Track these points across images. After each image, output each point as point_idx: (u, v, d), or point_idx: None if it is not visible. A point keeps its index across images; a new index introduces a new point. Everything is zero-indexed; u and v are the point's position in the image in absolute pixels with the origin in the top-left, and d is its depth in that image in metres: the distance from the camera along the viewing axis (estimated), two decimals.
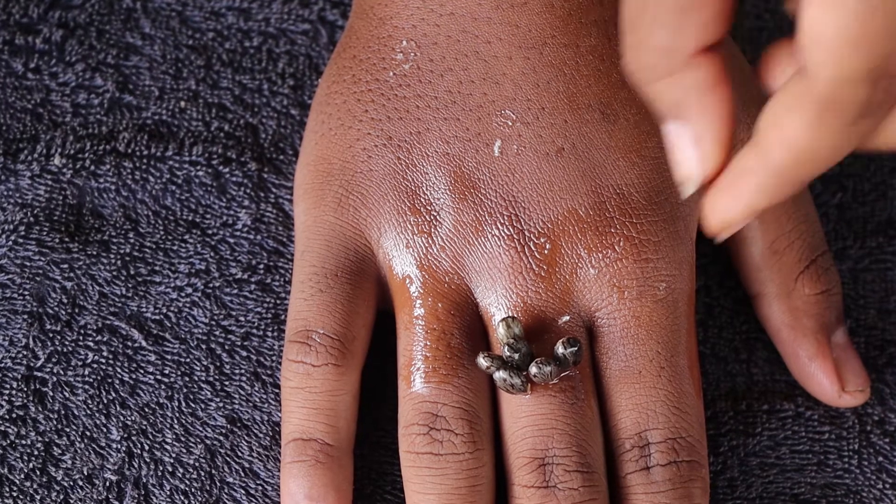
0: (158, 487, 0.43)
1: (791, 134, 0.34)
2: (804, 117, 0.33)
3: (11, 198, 0.47)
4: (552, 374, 0.40)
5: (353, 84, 0.44)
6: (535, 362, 0.40)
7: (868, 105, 0.33)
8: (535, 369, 0.40)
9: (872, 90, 0.33)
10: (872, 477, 0.44)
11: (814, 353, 0.44)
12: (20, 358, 0.44)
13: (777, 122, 0.34)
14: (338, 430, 0.41)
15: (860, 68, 0.32)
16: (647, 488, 0.40)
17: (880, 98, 0.33)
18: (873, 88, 0.32)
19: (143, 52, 0.49)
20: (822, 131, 0.33)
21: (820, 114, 0.33)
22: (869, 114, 0.33)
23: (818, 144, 0.34)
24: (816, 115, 0.33)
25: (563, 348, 0.40)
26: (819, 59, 0.32)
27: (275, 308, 0.45)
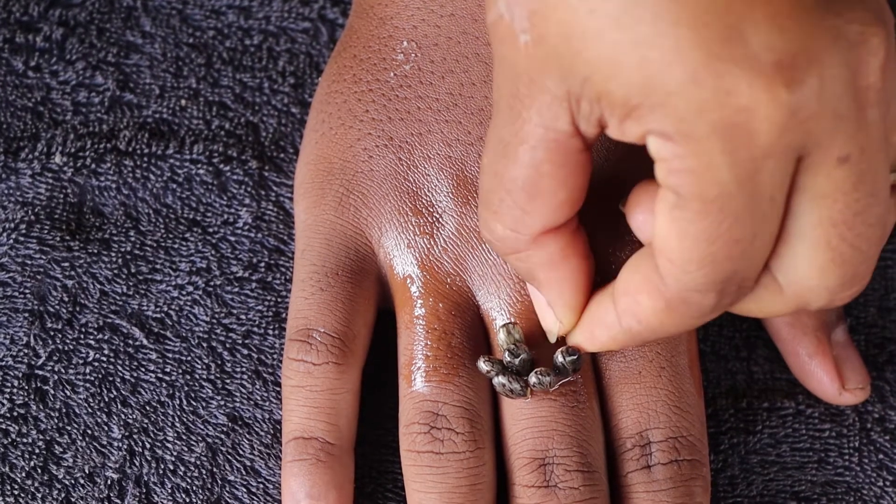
0: (160, 486, 0.43)
1: (641, 311, 0.36)
2: (655, 305, 0.35)
3: (12, 196, 0.47)
4: (551, 384, 0.40)
5: (353, 83, 0.44)
6: (534, 372, 0.40)
7: (716, 307, 0.35)
8: (534, 379, 0.40)
9: (719, 297, 0.34)
10: (873, 474, 0.44)
11: (814, 351, 0.44)
12: (21, 356, 0.45)
13: (630, 294, 0.36)
14: (339, 429, 0.41)
15: (705, 283, 0.34)
16: (649, 487, 0.40)
17: (729, 301, 0.35)
18: (720, 296, 0.34)
19: (143, 50, 0.49)
20: (670, 319, 0.35)
21: (668, 307, 0.35)
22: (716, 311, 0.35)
23: (667, 327, 0.36)
24: (665, 307, 0.35)
25: (563, 357, 0.40)
26: (666, 270, 0.34)
27: (276, 306, 0.45)
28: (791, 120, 0.31)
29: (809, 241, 0.34)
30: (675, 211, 0.33)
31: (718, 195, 0.32)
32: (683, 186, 0.33)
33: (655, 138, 0.33)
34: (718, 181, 0.32)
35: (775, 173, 0.32)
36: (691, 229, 0.33)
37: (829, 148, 0.32)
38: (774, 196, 0.33)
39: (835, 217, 0.33)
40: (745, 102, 0.31)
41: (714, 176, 0.32)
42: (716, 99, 0.31)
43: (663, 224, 0.33)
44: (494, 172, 0.36)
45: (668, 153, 0.33)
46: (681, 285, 0.34)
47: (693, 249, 0.33)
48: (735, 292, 0.34)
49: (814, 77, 0.31)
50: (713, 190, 0.32)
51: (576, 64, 0.33)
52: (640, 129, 0.33)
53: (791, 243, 0.34)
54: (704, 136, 0.32)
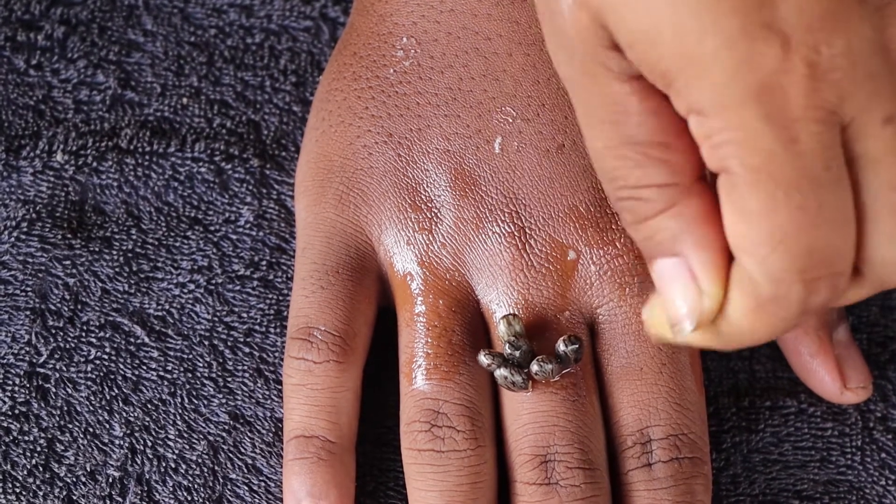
0: (161, 484, 0.43)
1: (735, 313, 0.34)
2: (746, 303, 0.34)
3: (14, 194, 0.47)
4: (553, 372, 0.40)
5: (353, 81, 0.44)
6: (536, 360, 0.40)
7: (805, 304, 0.33)
8: (536, 367, 0.40)
9: (808, 290, 0.33)
10: (875, 473, 0.44)
11: (816, 350, 0.44)
12: (23, 354, 0.45)
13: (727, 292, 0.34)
14: (340, 427, 0.41)
15: (784, 267, 0.32)
16: (650, 485, 0.40)
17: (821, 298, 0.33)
18: (808, 288, 0.33)
19: (144, 48, 0.49)
20: (760, 321, 0.34)
21: (759, 306, 0.33)
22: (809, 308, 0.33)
23: (757, 330, 0.34)
24: (755, 307, 0.34)
25: (565, 346, 0.40)
26: (746, 262, 0.33)
27: (277, 304, 0.45)
28: (822, 80, 0.31)
29: (875, 210, 0.33)
30: (731, 194, 0.32)
31: (764, 162, 0.32)
32: (728, 160, 0.32)
33: (695, 116, 0.32)
34: (761, 148, 0.32)
35: (820, 137, 0.32)
36: (749, 204, 0.32)
37: (870, 110, 0.32)
38: (829, 162, 0.32)
39: (892, 180, 0.33)
40: (776, 65, 0.31)
41: (756, 143, 0.32)
42: (748, 63, 0.31)
43: (727, 214, 0.33)
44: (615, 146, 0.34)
45: (707, 129, 0.32)
46: (763, 277, 0.33)
47: (758, 227, 0.32)
48: (828, 289, 0.33)
49: (841, 38, 0.31)
50: (758, 156, 0.32)
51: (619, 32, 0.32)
52: (681, 105, 0.33)
53: (863, 222, 0.33)
54: (739, 104, 0.31)
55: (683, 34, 0.31)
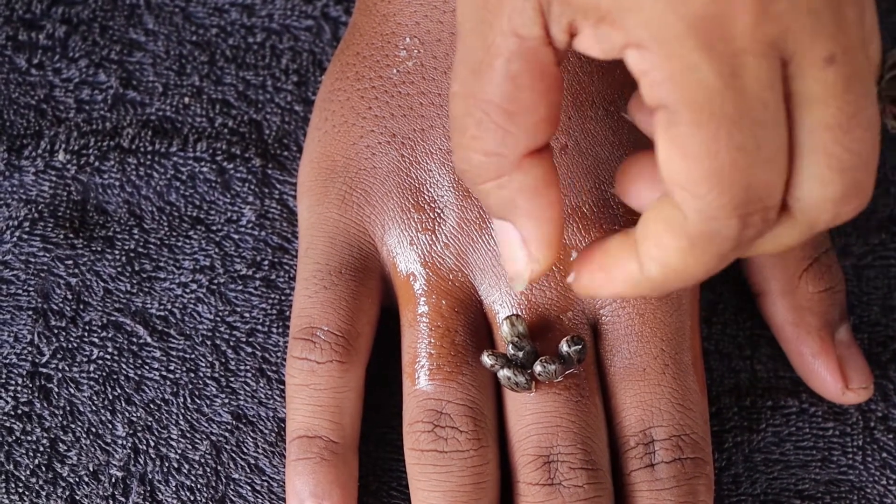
0: (164, 484, 0.43)
1: (664, 255, 0.34)
2: (678, 244, 0.34)
3: (16, 194, 0.47)
4: (557, 373, 0.40)
5: (356, 81, 0.44)
6: (539, 361, 0.40)
7: (739, 238, 0.33)
8: (539, 368, 0.40)
9: (742, 225, 0.33)
10: (876, 473, 0.44)
11: (817, 350, 0.44)
12: (25, 354, 0.45)
13: (652, 237, 0.34)
14: (342, 427, 0.41)
15: (721, 204, 0.32)
16: (652, 485, 0.40)
17: (753, 231, 0.33)
18: (743, 223, 0.33)
19: (146, 48, 0.49)
20: (696, 258, 0.34)
21: (691, 245, 0.33)
22: (742, 245, 0.33)
23: (692, 268, 0.34)
24: (689, 246, 0.33)
25: (568, 346, 0.40)
26: (681, 199, 0.33)
27: (279, 304, 0.45)
28: (765, 11, 0.31)
29: (808, 149, 0.33)
30: (670, 129, 0.32)
31: (706, 98, 0.31)
32: (669, 96, 0.31)
33: (633, 51, 0.32)
34: (702, 83, 0.31)
35: (761, 72, 0.31)
36: (690, 143, 0.32)
37: (812, 48, 0.31)
38: (767, 100, 0.31)
39: (828, 121, 0.32)
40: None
41: (697, 78, 0.31)
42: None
43: (663, 148, 0.32)
44: (468, 95, 0.34)
45: (647, 64, 0.32)
46: (699, 214, 0.32)
47: (698, 166, 0.32)
48: (760, 222, 0.33)
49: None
50: (700, 93, 0.31)
51: None
52: (619, 39, 0.32)
53: (794, 159, 0.33)
54: (678, 36, 0.31)
55: None
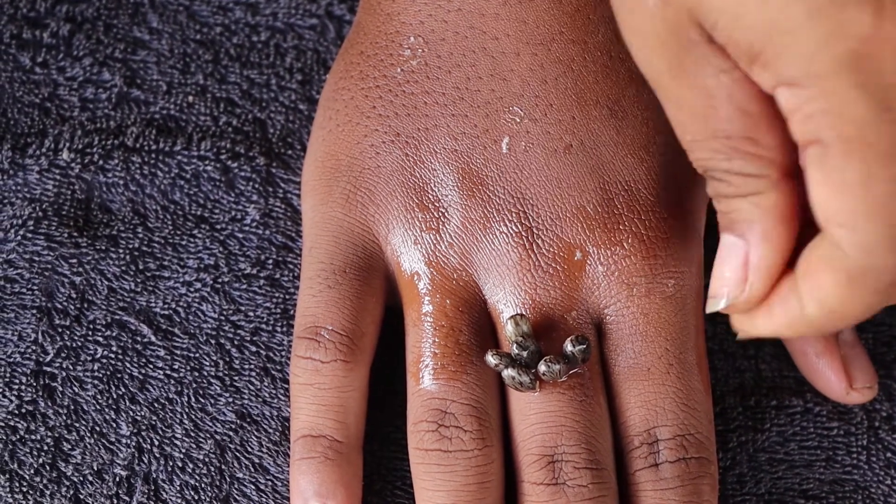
0: (168, 483, 0.43)
1: (824, 292, 0.34)
2: (836, 280, 0.33)
3: (20, 192, 0.47)
4: (561, 373, 0.40)
5: (360, 80, 0.44)
6: (544, 360, 0.40)
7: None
8: (544, 367, 0.40)
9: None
10: (881, 473, 0.44)
11: (821, 350, 0.44)
12: (29, 353, 0.45)
13: (811, 275, 0.34)
14: (347, 427, 0.41)
15: (877, 238, 0.32)
16: (657, 485, 0.40)
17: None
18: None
19: (150, 46, 0.49)
20: (854, 295, 0.34)
21: (850, 280, 0.33)
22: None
23: (850, 306, 0.34)
24: (847, 282, 0.33)
25: (572, 346, 0.40)
26: (837, 235, 0.32)
27: (284, 303, 0.45)
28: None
29: None
30: (823, 165, 0.32)
31: (860, 131, 0.31)
32: (821, 131, 0.32)
33: (784, 89, 0.32)
34: (855, 117, 0.31)
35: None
36: (844, 177, 0.32)
37: None
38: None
39: None
40: (867, 31, 0.31)
41: (850, 112, 0.31)
42: (839, 31, 0.31)
43: (817, 183, 0.32)
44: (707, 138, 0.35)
45: (798, 100, 0.32)
46: (855, 248, 0.32)
47: (853, 199, 0.32)
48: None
49: None
50: (852, 127, 0.31)
51: (702, 14, 0.32)
52: (771, 79, 0.32)
53: None
54: (832, 72, 0.31)
55: (768, 3, 0.31)
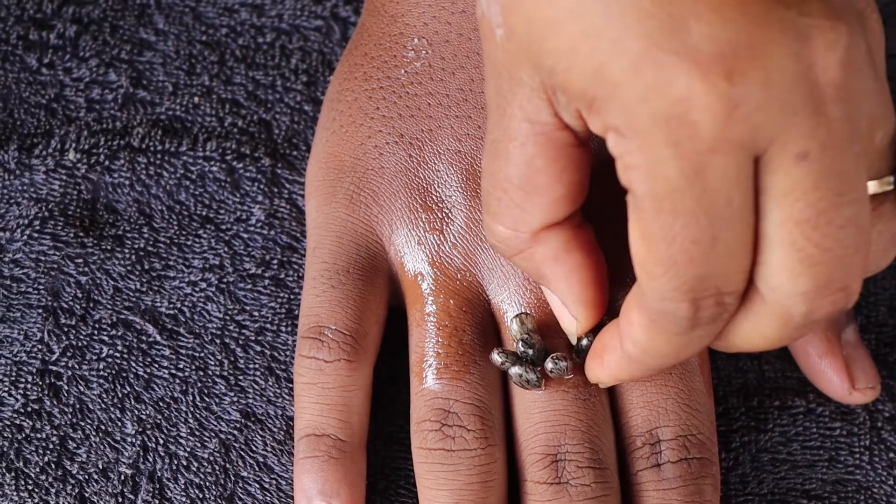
0: (173, 481, 0.43)
1: (633, 330, 0.36)
2: (641, 320, 0.35)
3: (26, 192, 0.47)
4: (568, 369, 0.40)
5: (364, 81, 0.44)
6: (550, 357, 0.40)
7: (694, 319, 0.34)
8: (551, 364, 0.40)
9: (695, 308, 0.34)
10: (883, 473, 0.44)
11: (824, 350, 0.44)
12: (35, 352, 0.45)
13: (626, 313, 0.36)
14: (350, 426, 0.41)
15: (674, 288, 0.33)
16: (659, 485, 0.40)
17: (709, 314, 0.34)
18: (696, 306, 0.34)
19: (156, 47, 0.50)
20: (657, 336, 0.35)
21: (651, 322, 0.35)
22: (699, 326, 0.34)
23: (657, 346, 0.35)
24: (649, 322, 0.35)
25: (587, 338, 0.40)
26: (640, 278, 0.34)
27: (288, 303, 0.45)
28: (734, 112, 0.31)
29: (776, 241, 0.33)
30: (635, 212, 0.33)
31: (668, 192, 0.32)
32: (635, 183, 0.32)
33: (612, 134, 0.33)
34: (666, 177, 0.32)
35: (727, 171, 0.31)
36: (649, 229, 0.32)
37: (784, 143, 0.31)
38: (732, 197, 0.32)
39: (797, 216, 0.32)
40: (683, 93, 0.31)
41: (661, 171, 0.32)
42: (655, 89, 0.31)
43: (630, 227, 0.33)
44: (490, 174, 0.36)
45: (621, 149, 0.32)
46: (653, 293, 0.33)
47: (654, 251, 0.33)
48: (714, 306, 0.34)
49: (758, 69, 0.31)
50: (662, 186, 0.32)
51: (541, 55, 0.33)
52: (601, 123, 0.33)
53: (763, 248, 0.33)
54: (648, 129, 0.31)
55: (596, 53, 0.32)
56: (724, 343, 0.36)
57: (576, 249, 0.37)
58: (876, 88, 0.34)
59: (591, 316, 0.39)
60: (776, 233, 0.33)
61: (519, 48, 0.34)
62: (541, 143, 0.35)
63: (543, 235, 0.37)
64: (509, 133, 0.35)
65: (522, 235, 0.37)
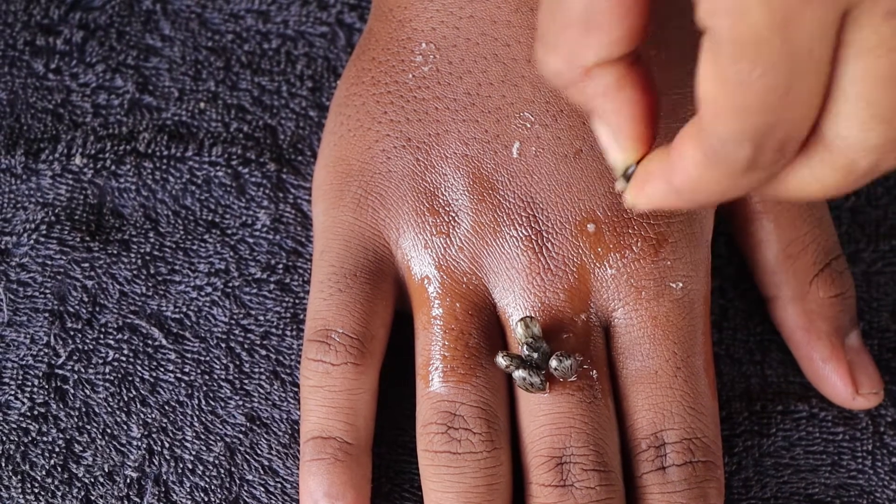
0: (178, 485, 0.43)
1: (686, 164, 0.35)
2: (696, 156, 0.34)
3: (33, 197, 0.47)
4: (572, 368, 0.40)
5: (372, 86, 0.44)
6: (555, 356, 0.40)
7: (753, 162, 0.34)
8: (555, 363, 0.40)
9: (757, 151, 0.33)
10: (886, 478, 0.44)
11: (828, 355, 0.44)
12: (41, 356, 0.45)
13: (679, 147, 0.35)
14: (356, 429, 0.42)
15: (740, 131, 0.33)
16: (663, 488, 0.40)
17: (769, 158, 0.34)
18: (758, 150, 0.33)
19: (162, 53, 0.50)
20: (710, 173, 0.34)
21: (707, 159, 0.34)
22: (756, 169, 0.34)
23: (707, 182, 0.35)
24: (704, 159, 0.34)
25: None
26: (707, 117, 0.33)
27: (294, 307, 0.46)
28: None
29: (853, 95, 0.33)
30: (713, 55, 0.32)
31: (752, 38, 0.32)
32: (719, 29, 0.32)
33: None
34: (751, 24, 0.31)
35: (816, 23, 0.32)
36: (725, 73, 0.32)
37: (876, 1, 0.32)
38: (814, 49, 0.32)
39: (879, 72, 0.33)
40: None
41: (747, 18, 0.31)
42: None
43: (703, 67, 0.33)
44: (551, 8, 0.35)
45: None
46: (716, 133, 0.33)
47: (726, 95, 0.33)
48: (776, 150, 0.34)
49: None
50: (746, 33, 0.32)
51: None
52: None
53: (836, 100, 0.33)
54: None
55: None
56: (779, 188, 0.36)
57: (629, 86, 0.37)
58: None
59: (640, 150, 0.38)
60: (853, 87, 0.33)
61: None
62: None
63: (597, 71, 0.36)
64: None
65: (576, 69, 0.36)
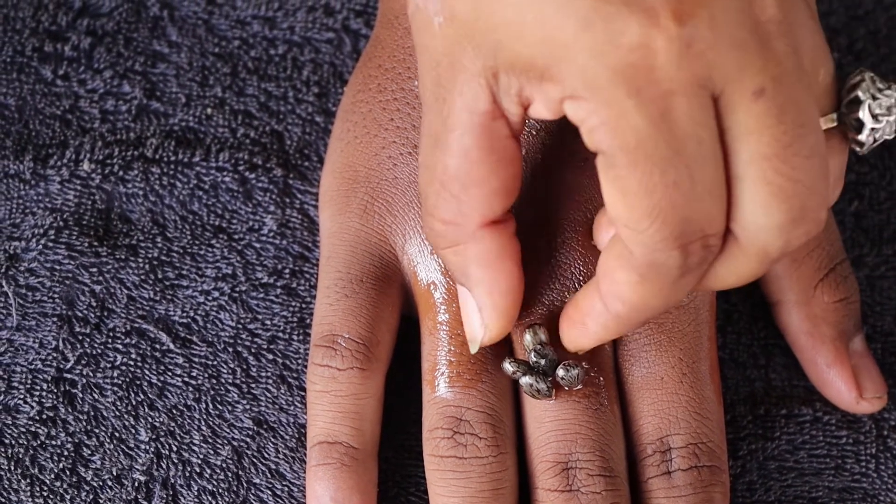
0: (186, 488, 0.43)
1: (620, 289, 0.36)
2: (629, 278, 0.35)
3: (41, 202, 0.47)
4: (579, 377, 0.40)
5: (378, 93, 0.44)
6: (562, 365, 0.40)
7: (685, 266, 0.34)
8: (562, 372, 0.40)
9: (684, 254, 0.34)
10: (889, 481, 0.44)
11: (832, 360, 0.44)
12: (50, 360, 0.45)
13: (608, 274, 0.36)
14: (363, 434, 0.42)
15: (661, 239, 0.33)
16: (669, 493, 0.41)
17: (697, 257, 0.34)
18: (685, 252, 0.34)
19: (170, 59, 0.50)
20: (647, 290, 0.35)
21: (641, 277, 0.35)
22: (689, 272, 0.35)
23: (647, 300, 0.35)
24: (639, 278, 0.35)
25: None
26: (626, 236, 0.34)
27: (300, 312, 0.46)
28: (687, 52, 0.32)
29: (748, 179, 0.33)
30: (609, 171, 0.33)
31: (639, 141, 0.32)
32: (605, 142, 0.33)
33: (570, 102, 0.33)
34: (634, 127, 0.32)
35: (691, 111, 0.32)
36: (627, 184, 0.33)
37: (740, 81, 0.32)
38: (701, 136, 0.32)
39: (764, 151, 0.33)
40: (636, 41, 0.32)
41: (628, 122, 0.32)
42: (608, 42, 0.32)
43: (606, 190, 0.34)
44: (427, 167, 0.37)
45: (583, 112, 0.33)
46: (642, 248, 0.34)
47: (637, 205, 0.33)
48: (701, 249, 0.34)
49: (703, 8, 0.32)
50: (632, 137, 0.32)
51: (486, 32, 0.34)
52: (556, 93, 0.33)
53: (735, 188, 0.34)
54: (607, 83, 0.32)
55: (544, 18, 0.32)
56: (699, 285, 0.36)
57: (507, 258, 0.38)
58: (813, 27, 0.34)
59: (502, 327, 0.39)
60: (746, 170, 0.33)
61: (460, 32, 0.34)
62: (478, 135, 0.36)
63: (480, 233, 0.37)
64: (448, 124, 0.36)
65: (461, 228, 0.37)
